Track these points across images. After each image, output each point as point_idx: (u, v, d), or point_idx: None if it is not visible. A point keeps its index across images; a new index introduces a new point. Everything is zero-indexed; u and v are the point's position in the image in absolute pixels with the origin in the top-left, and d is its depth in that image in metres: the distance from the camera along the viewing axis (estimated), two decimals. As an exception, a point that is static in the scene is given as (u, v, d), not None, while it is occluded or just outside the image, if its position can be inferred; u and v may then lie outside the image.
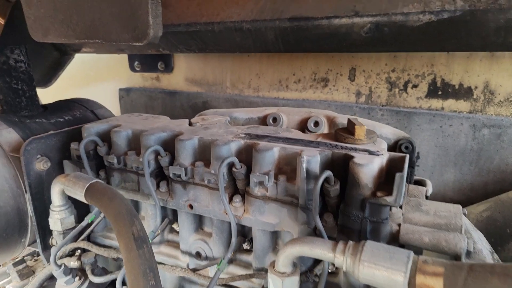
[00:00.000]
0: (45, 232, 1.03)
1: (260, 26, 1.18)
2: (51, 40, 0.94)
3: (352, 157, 0.71)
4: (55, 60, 1.69)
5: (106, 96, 2.01)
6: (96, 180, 0.83)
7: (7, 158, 1.01)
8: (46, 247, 1.05)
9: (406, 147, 0.95)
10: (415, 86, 1.31)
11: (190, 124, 1.01)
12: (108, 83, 2.00)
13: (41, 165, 0.99)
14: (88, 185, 0.81)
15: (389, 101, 1.36)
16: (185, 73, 1.76)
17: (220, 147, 0.80)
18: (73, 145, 1.00)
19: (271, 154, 0.76)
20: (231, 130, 0.92)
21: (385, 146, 0.81)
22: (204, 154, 0.86)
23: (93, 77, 2.06)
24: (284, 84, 1.54)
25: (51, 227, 0.95)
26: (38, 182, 1.00)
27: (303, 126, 1.12)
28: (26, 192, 1.00)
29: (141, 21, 0.81)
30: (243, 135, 0.87)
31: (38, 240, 1.03)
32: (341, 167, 0.74)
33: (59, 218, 0.93)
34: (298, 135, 0.87)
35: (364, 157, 0.70)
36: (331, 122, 1.07)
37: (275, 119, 1.13)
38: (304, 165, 0.69)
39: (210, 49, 1.38)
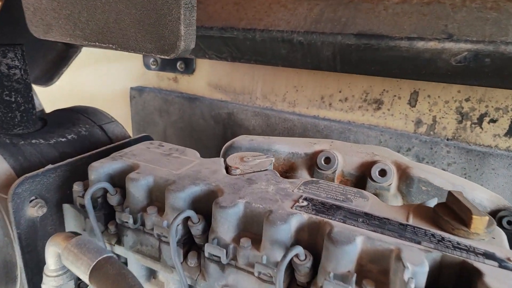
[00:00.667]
0: (37, 289, 0.83)
1: (316, 40, 0.95)
2: (54, 39, 0.74)
3: (476, 270, 0.49)
4: (60, 53, 1.45)
5: (115, 95, 1.78)
6: (106, 255, 0.62)
7: (-8, 198, 0.80)
8: (39, 306, 0.85)
9: (509, 222, 0.73)
10: (493, 121, 1.07)
11: (227, 169, 0.78)
12: (118, 79, 1.76)
13: (35, 210, 0.78)
14: (95, 264, 0.60)
15: (456, 135, 1.13)
16: (208, 76, 1.52)
17: (277, 227, 0.58)
18: (77, 187, 0.79)
19: (353, 248, 0.54)
20: (285, 190, 0.69)
21: (506, 241, 0.59)
22: (251, 225, 0.64)
23: (101, 72, 1.82)
24: (327, 102, 1.30)
25: (45, 295, 0.74)
26: (31, 232, 0.79)
27: (364, 171, 0.90)
28: (15, 242, 0.79)
29: (169, 30, 0.60)
30: (304, 203, 0.65)
31: (28, 300, 0.83)
32: (452, 275, 0.53)
33: (55, 285, 0.72)
34: (379, 207, 0.65)
35: (497, 274, 0.48)
36: (403, 172, 0.84)
37: (328, 160, 0.91)
38: (413, 286, 0.48)
39: (246, 59, 1.14)
